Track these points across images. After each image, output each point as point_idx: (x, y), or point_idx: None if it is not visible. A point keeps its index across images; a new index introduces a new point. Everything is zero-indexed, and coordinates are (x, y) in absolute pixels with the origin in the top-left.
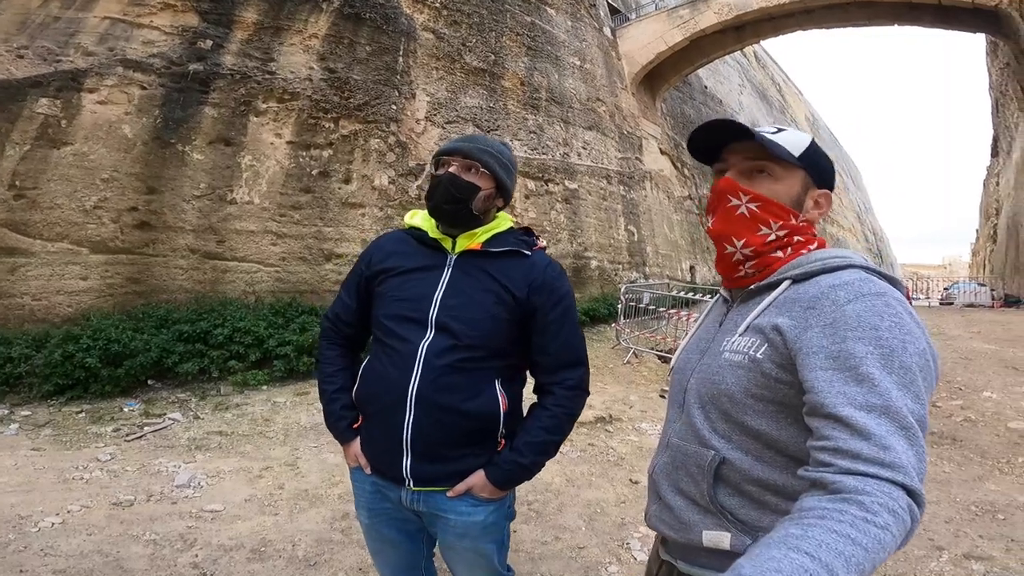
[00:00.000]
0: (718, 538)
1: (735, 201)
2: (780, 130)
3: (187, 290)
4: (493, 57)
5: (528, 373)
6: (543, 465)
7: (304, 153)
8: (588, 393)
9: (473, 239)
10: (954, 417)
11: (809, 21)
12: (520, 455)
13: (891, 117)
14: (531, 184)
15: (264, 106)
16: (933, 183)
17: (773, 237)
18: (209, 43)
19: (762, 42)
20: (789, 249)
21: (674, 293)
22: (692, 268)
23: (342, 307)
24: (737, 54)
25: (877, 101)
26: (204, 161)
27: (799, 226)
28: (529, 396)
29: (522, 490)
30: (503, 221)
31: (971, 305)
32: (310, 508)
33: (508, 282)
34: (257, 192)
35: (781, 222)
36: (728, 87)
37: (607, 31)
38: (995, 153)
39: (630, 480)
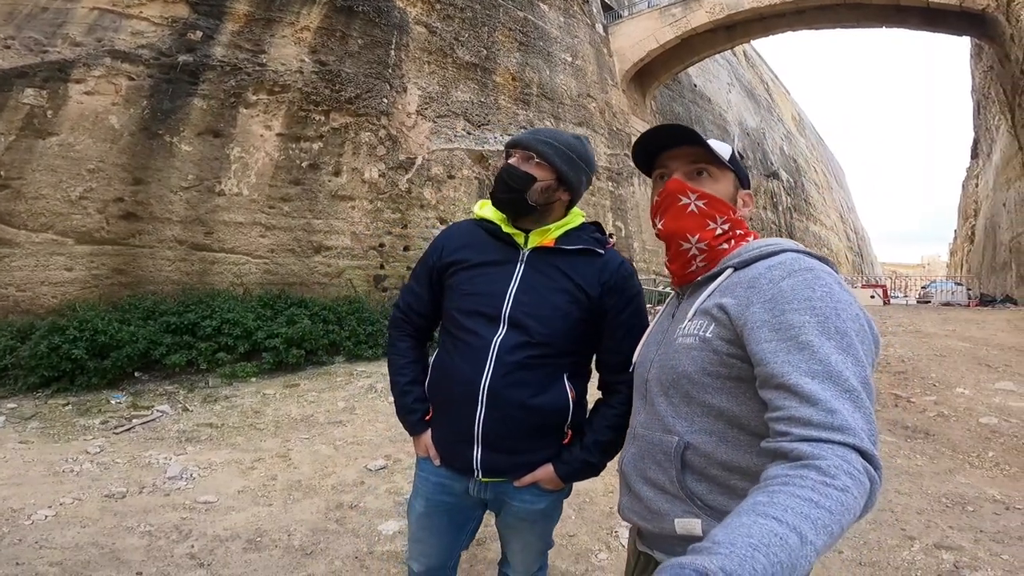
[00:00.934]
0: (690, 524)
1: (684, 200)
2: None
3: (174, 281)
4: (485, 52)
5: (594, 368)
6: (607, 463)
7: (294, 145)
8: None
9: (546, 235)
10: (927, 412)
11: (799, 22)
12: (589, 454)
13: (875, 118)
14: None
15: (254, 98)
16: (914, 183)
17: (720, 231)
18: (199, 34)
19: (752, 42)
20: (732, 241)
21: (660, 288)
22: None
23: (414, 298)
24: (727, 53)
25: (862, 102)
26: (192, 152)
27: (737, 220)
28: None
29: None
30: (575, 217)
31: (948, 304)
32: (304, 499)
33: (582, 281)
34: (246, 184)
35: (725, 216)
36: (717, 85)
37: (599, 28)
38: (975, 155)
39: (616, 470)
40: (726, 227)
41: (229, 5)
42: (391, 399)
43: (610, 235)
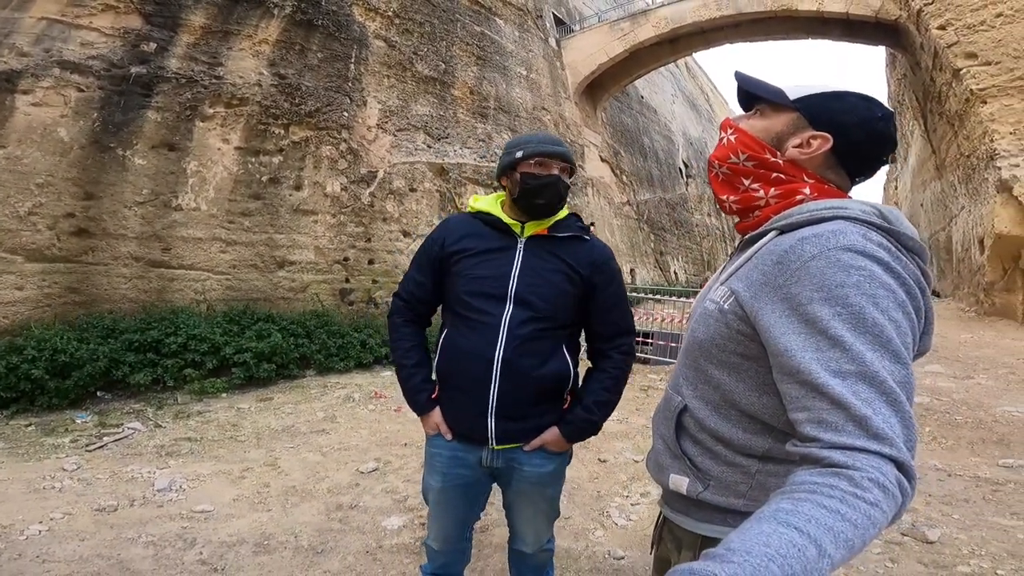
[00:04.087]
0: (679, 482)
1: (723, 134)
2: (806, 86)
3: (131, 299)
4: (444, 66)
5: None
6: (605, 421)
7: (253, 159)
8: (636, 357)
9: (540, 225)
10: None
11: (736, 34)
12: (591, 413)
13: None
14: (481, 191)
15: (211, 111)
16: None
17: (739, 164)
18: (153, 46)
19: (694, 54)
20: (772, 190)
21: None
22: (632, 271)
23: (415, 286)
24: (671, 65)
25: None
26: (146, 166)
27: (773, 163)
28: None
29: None
30: (562, 210)
31: None
32: (302, 503)
33: (574, 262)
34: (204, 198)
35: (748, 153)
36: (662, 97)
37: (552, 42)
38: (893, 159)
39: (598, 459)
40: (749, 164)
41: (184, 17)
42: (371, 407)
43: (591, 224)
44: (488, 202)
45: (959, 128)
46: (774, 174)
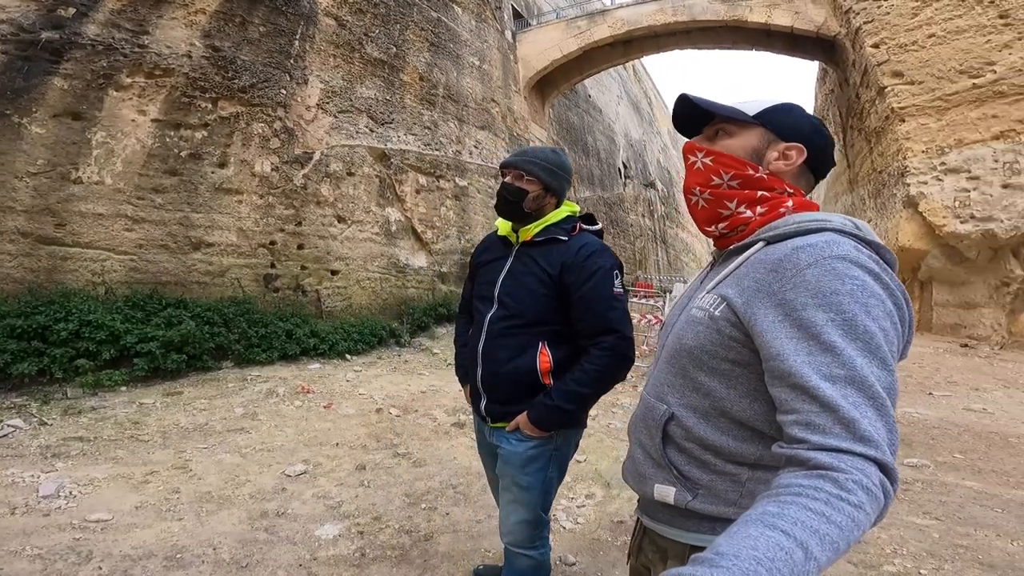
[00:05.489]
0: (665, 492)
1: (692, 159)
2: (749, 102)
3: (15, 279)
4: (395, 49)
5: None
6: (573, 413)
7: (173, 133)
8: (629, 359)
9: (527, 232)
10: None
11: (687, 41)
12: (550, 399)
13: None
14: (423, 179)
15: (129, 80)
16: None
17: (725, 186)
18: (71, 11)
19: (643, 58)
20: (759, 208)
21: None
22: None
23: (466, 290)
24: (619, 67)
25: None
26: (45, 135)
27: (758, 178)
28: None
29: (446, 474)
30: (557, 214)
31: None
32: (219, 510)
33: (546, 264)
34: (109, 172)
35: (732, 172)
36: (608, 97)
37: (508, 35)
38: None
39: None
40: (734, 183)
41: None
42: (297, 403)
43: (584, 224)
44: (501, 222)
45: (875, 144)
46: (759, 192)
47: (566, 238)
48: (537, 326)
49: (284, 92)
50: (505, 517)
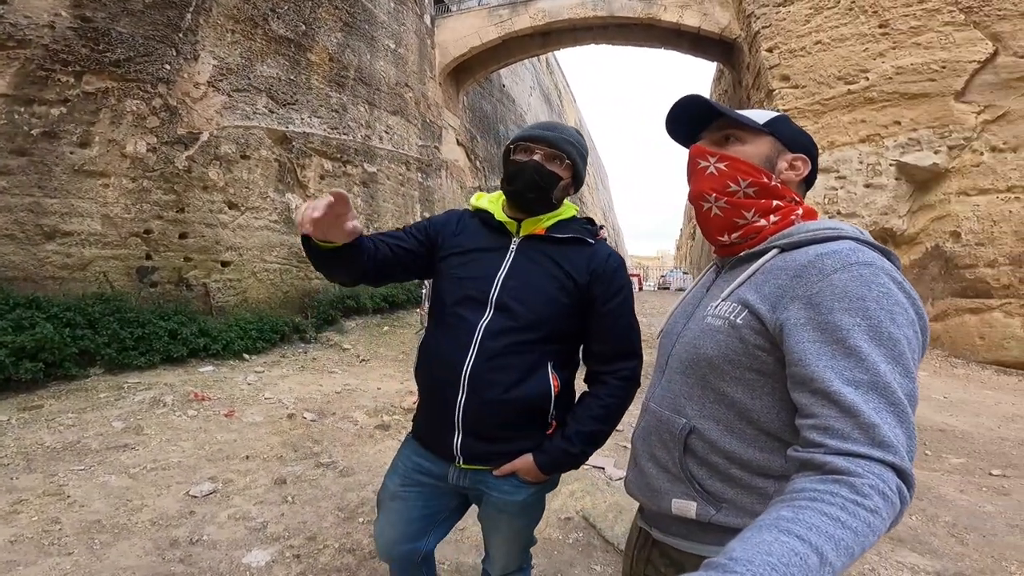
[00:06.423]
0: (685, 507)
1: (703, 163)
2: (750, 111)
3: None
4: (304, 28)
5: (582, 360)
6: (591, 455)
7: (23, 109)
8: (640, 384)
9: (538, 224)
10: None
11: (603, 36)
12: (571, 444)
13: (635, 127)
14: (328, 164)
15: None
16: (657, 187)
17: (742, 194)
18: None
19: (559, 51)
20: (772, 217)
21: None
22: None
23: (389, 235)
24: (534, 59)
25: (627, 112)
26: None
27: (773, 187)
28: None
29: (379, 482)
30: (568, 209)
31: (681, 289)
32: (116, 541)
33: (571, 268)
34: None
35: (750, 179)
36: (521, 88)
37: (427, 19)
38: None
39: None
40: (751, 191)
41: None
42: (191, 413)
43: (600, 227)
44: (489, 200)
45: None
46: (775, 201)
47: (592, 241)
48: (551, 343)
49: (168, 67)
50: (503, 561)
